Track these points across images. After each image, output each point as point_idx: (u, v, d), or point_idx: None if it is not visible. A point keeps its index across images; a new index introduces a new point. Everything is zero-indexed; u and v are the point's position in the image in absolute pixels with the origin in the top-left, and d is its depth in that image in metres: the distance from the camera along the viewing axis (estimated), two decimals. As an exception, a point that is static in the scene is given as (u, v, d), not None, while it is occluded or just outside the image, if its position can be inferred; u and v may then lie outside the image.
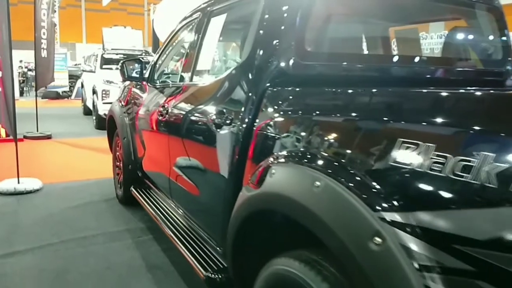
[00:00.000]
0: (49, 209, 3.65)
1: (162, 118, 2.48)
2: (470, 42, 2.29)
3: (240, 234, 1.50)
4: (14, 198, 3.93)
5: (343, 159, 1.12)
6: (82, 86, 11.13)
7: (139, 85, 3.31)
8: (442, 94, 1.02)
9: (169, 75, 3.13)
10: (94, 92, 8.52)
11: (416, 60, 2.07)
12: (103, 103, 7.82)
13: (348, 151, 1.13)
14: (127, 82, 3.73)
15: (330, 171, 1.11)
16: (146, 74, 3.14)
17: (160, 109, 2.52)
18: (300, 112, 1.45)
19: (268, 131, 1.51)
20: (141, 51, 10.45)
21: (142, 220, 3.37)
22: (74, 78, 15.87)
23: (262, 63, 1.66)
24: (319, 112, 1.36)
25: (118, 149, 3.76)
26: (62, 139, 7.19)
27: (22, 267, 2.60)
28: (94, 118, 8.68)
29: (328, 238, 1.04)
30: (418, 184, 0.89)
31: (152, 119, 2.70)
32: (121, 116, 3.55)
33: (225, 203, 1.73)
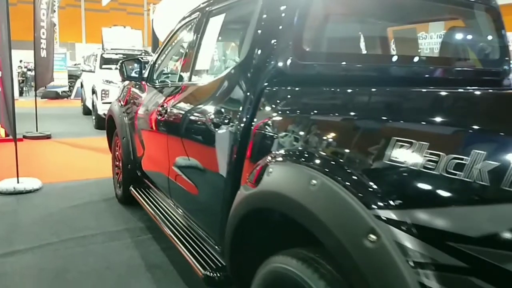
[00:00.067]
0: (48, 208, 3.66)
1: (161, 117, 2.49)
2: (468, 42, 2.30)
3: (238, 233, 1.51)
4: (13, 198, 3.94)
5: (339, 158, 1.13)
6: (82, 86, 11.13)
7: (138, 85, 3.31)
8: (436, 93, 1.03)
9: (168, 75, 3.13)
10: (94, 92, 8.52)
11: (414, 60, 2.08)
12: (103, 103, 7.83)
13: (343, 150, 1.14)
14: (126, 82, 3.73)
15: (326, 169, 1.12)
16: (145, 74, 3.14)
17: (159, 108, 2.53)
18: (297, 111, 1.46)
19: (265, 130, 1.52)
20: (140, 51, 10.44)
21: (141, 220, 3.38)
22: (73, 78, 15.85)
23: (260, 62, 1.67)
24: (315, 111, 1.37)
25: (117, 148, 3.77)
26: (61, 139, 7.20)
27: (22, 266, 2.60)
28: (94, 118, 8.68)
29: (324, 235, 1.05)
30: (412, 182, 0.90)
31: (151, 118, 2.70)
32: (120, 116, 3.55)
33: (223, 202, 1.74)
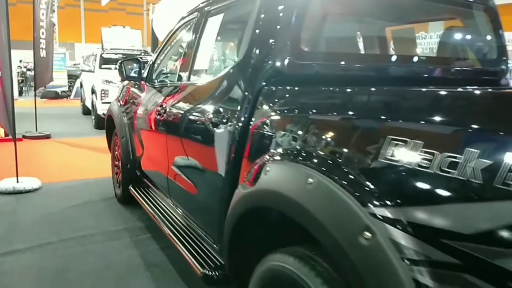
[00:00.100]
0: (48, 208, 3.67)
1: (160, 117, 2.50)
2: (465, 42, 2.31)
3: (236, 231, 1.52)
4: (13, 197, 3.94)
5: (335, 156, 1.14)
6: (81, 86, 11.13)
7: (138, 84, 3.32)
8: (430, 93, 1.04)
9: (167, 75, 3.14)
10: (93, 91, 8.52)
11: (411, 59, 2.09)
12: (102, 103, 7.82)
13: (339, 148, 1.15)
14: (125, 82, 3.74)
15: (322, 168, 1.13)
16: (145, 74, 3.15)
17: (158, 108, 2.54)
18: (294, 111, 1.47)
19: (263, 129, 1.52)
20: (140, 51, 10.44)
21: (140, 219, 3.39)
22: (73, 78, 15.85)
23: (258, 62, 1.67)
24: (312, 111, 1.38)
25: (116, 148, 3.77)
26: (61, 139, 7.20)
27: (21, 266, 2.61)
28: (93, 117, 8.68)
29: (320, 233, 1.06)
30: (406, 181, 0.91)
31: (150, 118, 2.71)
32: (119, 116, 3.56)
33: (221, 201, 1.75)
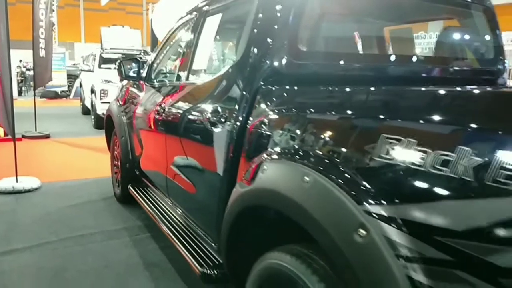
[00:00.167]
0: (47, 207, 3.67)
1: (159, 117, 2.50)
2: (463, 42, 2.32)
3: (233, 230, 1.52)
4: (12, 197, 3.95)
5: (330, 155, 1.15)
6: (81, 86, 11.13)
7: (137, 84, 3.33)
8: (424, 92, 1.05)
9: (166, 74, 3.15)
10: (93, 91, 8.52)
11: (409, 59, 2.10)
12: (102, 103, 7.83)
13: (335, 147, 1.16)
14: (124, 82, 3.75)
15: (318, 167, 1.14)
16: (144, 74, 3.16)
17: (157, 108, 2.54)
18: (292, 110, 1.48)
19: (261, 128, 1.53)
20: (139, 50, 10.44)
21: (139, 218, 3.39)
22: (72, 77, 15.84)
23: (256, 62, 1.68)
24: (309, 110, 1.39)
25: (116, 148, 3.78)
26: (60, 139, 7.20)
27: (20, 265, 2.61)
28: (93, 117, 8.69)
29: (316, 231, 1.06)
30: (401, 178, 0.92)
31: (149, 118, 2.72)
32: (118, 115, 3.57)
33: (220, 200, 1.75)
